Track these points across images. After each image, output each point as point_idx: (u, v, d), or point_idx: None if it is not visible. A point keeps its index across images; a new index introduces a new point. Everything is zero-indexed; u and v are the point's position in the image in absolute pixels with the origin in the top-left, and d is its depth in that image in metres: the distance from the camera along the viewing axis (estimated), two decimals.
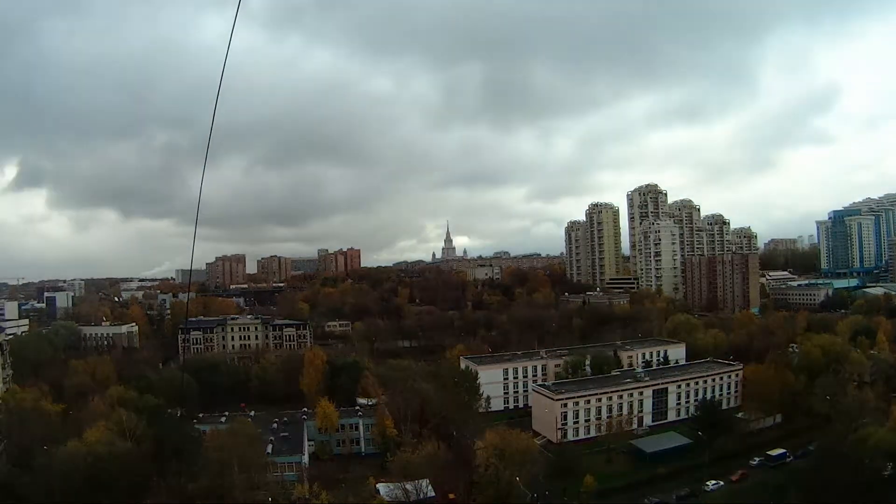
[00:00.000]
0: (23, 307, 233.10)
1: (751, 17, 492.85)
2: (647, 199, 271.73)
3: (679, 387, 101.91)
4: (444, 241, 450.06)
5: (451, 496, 65.42)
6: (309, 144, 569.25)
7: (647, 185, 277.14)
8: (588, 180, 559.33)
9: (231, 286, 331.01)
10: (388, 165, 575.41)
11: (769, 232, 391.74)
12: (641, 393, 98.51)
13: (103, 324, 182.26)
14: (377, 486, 65.72)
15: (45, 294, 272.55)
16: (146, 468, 60.91)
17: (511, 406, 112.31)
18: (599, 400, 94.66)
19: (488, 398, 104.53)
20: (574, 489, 70.73)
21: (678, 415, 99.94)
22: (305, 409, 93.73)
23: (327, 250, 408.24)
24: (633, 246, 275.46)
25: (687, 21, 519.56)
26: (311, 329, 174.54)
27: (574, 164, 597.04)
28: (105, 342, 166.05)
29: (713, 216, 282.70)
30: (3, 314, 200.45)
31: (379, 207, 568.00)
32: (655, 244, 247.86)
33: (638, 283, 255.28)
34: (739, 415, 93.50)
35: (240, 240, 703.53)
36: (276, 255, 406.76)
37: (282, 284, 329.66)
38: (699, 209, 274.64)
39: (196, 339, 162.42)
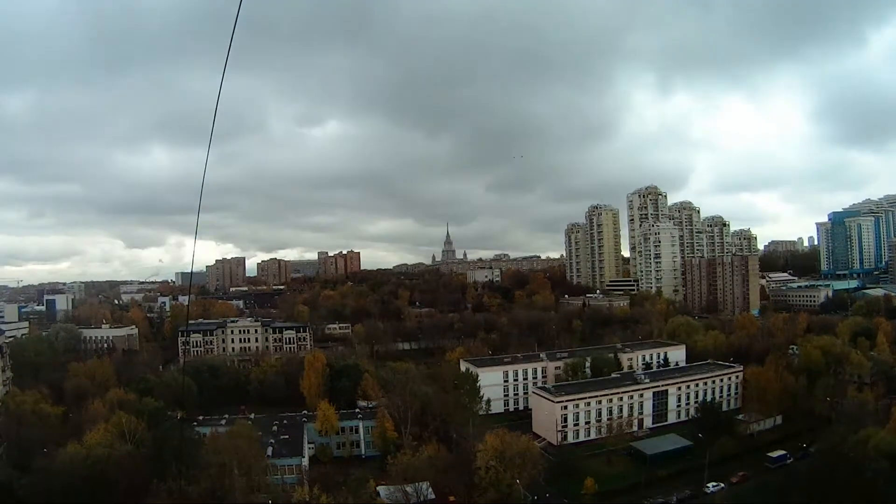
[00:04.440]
0: (23, 310, 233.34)
1: None
2: (647, 202, 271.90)
3: (679, 389, 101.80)
4: (444, 243, 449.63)
5: (452, 498, 65.38)
6: None
7: (647, 188, 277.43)
8: None
9: (231, 289, 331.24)
10: None
11: None
12: (641, 395, 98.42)
13: (103, 326, 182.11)
14: (377, 488, 65.71)
15: (45, 297, 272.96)
16: (146, 471, 60.82)
17: (511, 408, 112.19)
18: (599, 402, 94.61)
19: (488, 400, 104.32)
20: (574, 491, 70.73)
21: (678, 417, 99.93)
22: (305, 412, 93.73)
23: (327, 253, 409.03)
24: (632, 248, 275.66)
25: None
26: (311, 332, 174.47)
27: None
28: (105, 345, 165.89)
29: (713, 218, 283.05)
30: (2, 317, 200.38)
31: None
32: (655, 246, 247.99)
33: (638, 285, 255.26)
34: (740, 416, 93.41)
35: None
36: (276, 258, 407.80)
37: (282, 287, 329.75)
38: (699, 211, 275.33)
39: (196, 342, 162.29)
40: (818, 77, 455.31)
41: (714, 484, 71.11)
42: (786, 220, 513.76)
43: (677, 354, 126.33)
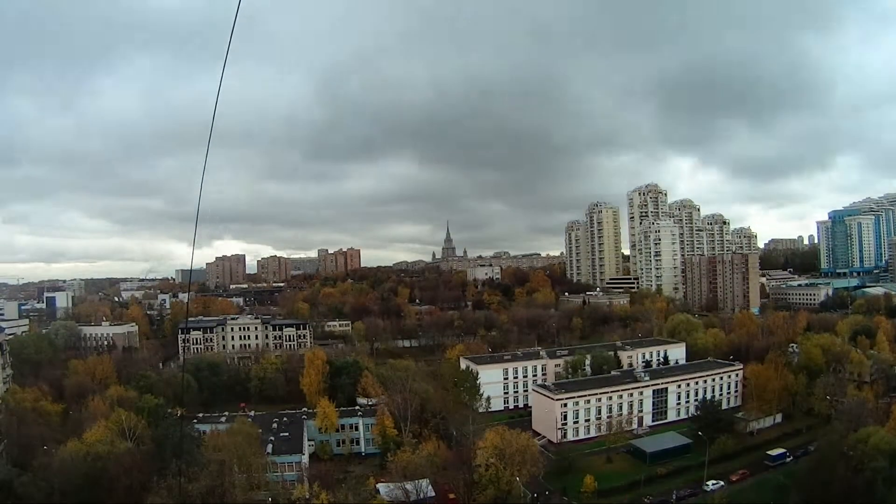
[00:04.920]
0: (23, 307, 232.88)
1: None
2: (648, 199, 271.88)
3: (679, 387, 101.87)
4: (444, 240, 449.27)
5: (451, 496, 65.42)
6: None
7: (648, 185, 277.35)
8: None
9: (231, 286, 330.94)
10: None
11: None
12: (641, 393, 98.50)
13: (103, 324, 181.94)
14: (377, 485, 65.75)
15: (45, 294, 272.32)
16: (146, 468, 60.85)
17: (511, 406, 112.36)
18: (599, 400, 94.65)
19: (488, 398, 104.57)
20: (574, 489, 70.83)
21: (678, 415, 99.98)
22: (305, 409, 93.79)
23: (327, 250, 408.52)
24: (633, 246, 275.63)
25: None
26: (311, 329, 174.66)
27: None
28: (105, 342, 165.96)
29: (713, 216, 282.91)
30: (3, 314, 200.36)
31: None
32: (655, 244, 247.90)
33: (638, 282, 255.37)
34: (739, 415, 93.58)
35: None
36: (275, 255, 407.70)
37: (282, 284, 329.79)
38: (699, 209, 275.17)
39: (196, 339, 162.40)
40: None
41: (714, 482, 71.15)
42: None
43: (677, 352, 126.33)
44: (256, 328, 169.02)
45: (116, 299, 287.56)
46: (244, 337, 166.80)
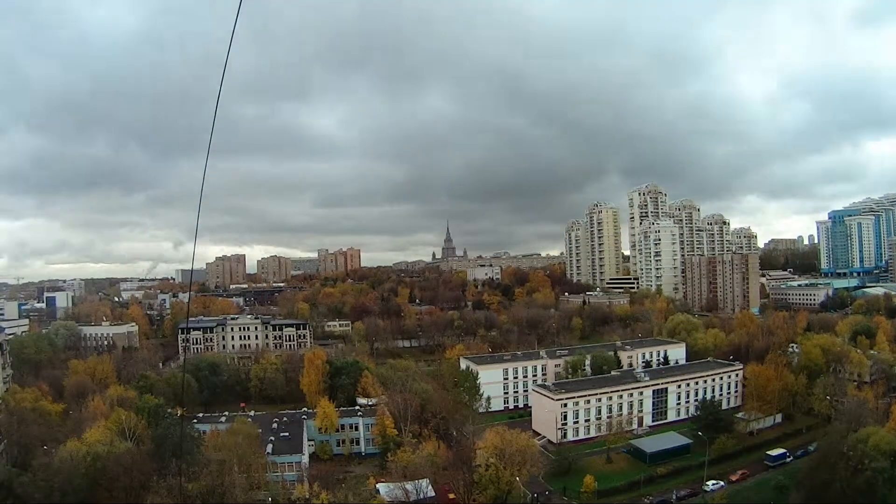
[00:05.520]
0: (23, 307, 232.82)
1: None
2: (648, 200, 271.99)
3: (679, 387, 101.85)
4: (445, 240, 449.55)
5: (451, 496, 65.41)
6: None
7: (647, 186, 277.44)
8: None
9: (231, 286, 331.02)
10: None
11: None
12: (641, 393, 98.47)
13: (103, 324, 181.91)
14: (377, 485, 65.71)
15: (45, 294, 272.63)
16: (146, 468, 60.83)
17: (511, 406, 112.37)
18: (599, 400, 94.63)
19: (488, 398, 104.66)
20: (574, 489, 70.85)
21: (678, 415, 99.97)
22: (305, 409, 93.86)
23: (327, 250, 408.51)
24: (633, 246, 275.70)
25: None
26: (311, 329, 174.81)
27: None
28: (105, 342, 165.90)
29: (713, 216, 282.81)
30: (3, 314, 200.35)
31: None
32: (655, 244, 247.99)
33: (638, 283, 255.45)
34: (739, 415, 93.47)
35: None
36: (276, 255, 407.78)
37: (282, 284, 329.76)
38: (699, 209, 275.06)
39: (196, 339, 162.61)
40: None
41: (714, 482, 71.20)
42: None
43: (677, 352, 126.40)
44: (256, 328, 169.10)
45: (116, 299, 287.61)
46: (244, 337, 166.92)
